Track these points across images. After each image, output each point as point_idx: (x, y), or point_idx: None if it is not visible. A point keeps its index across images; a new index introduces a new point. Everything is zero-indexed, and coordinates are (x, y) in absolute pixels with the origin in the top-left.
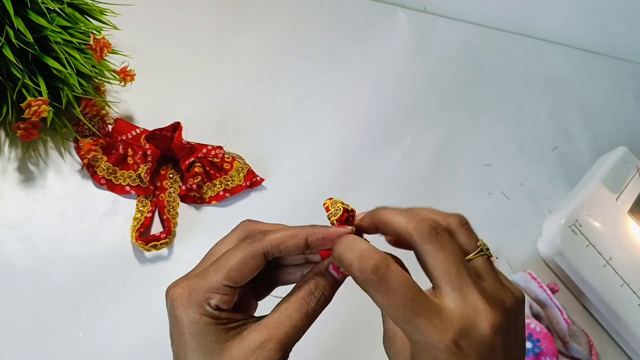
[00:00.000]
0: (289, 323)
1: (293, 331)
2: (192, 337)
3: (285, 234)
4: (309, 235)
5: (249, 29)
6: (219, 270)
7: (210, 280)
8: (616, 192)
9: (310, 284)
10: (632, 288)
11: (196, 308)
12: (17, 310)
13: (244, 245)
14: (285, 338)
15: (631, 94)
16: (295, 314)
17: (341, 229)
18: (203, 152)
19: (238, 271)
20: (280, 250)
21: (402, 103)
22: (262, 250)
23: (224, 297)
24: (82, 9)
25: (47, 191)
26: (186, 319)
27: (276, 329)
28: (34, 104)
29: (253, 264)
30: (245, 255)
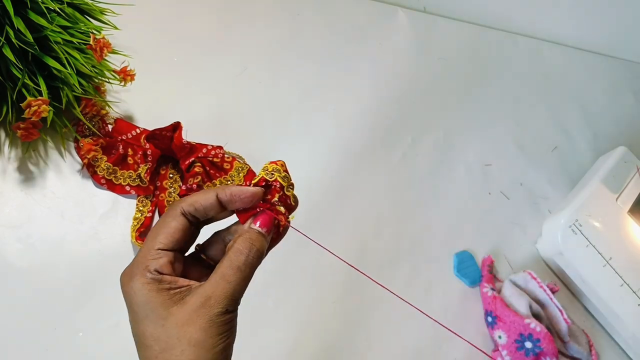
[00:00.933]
0: (223, 281)
1: (230, 286)
2: (139, 307)
3: (198, 194)
4: (219, 192)
5: (249, 29)
6: (149, 240)
7: (144, 250)
8: (616, 192)
9: (238, 241)
10: (632, 288)
11: (138, 278)
12: (17, 310)
13: (165, 212)
14: (223, 294)
15: (631, 94)
16: (228, 271)
17: (250, 188)
18: (203, 152)
19: (164, 234)
20: (196, 208)
21: (402, 103)
22: (179, 211)
23: (160, 261)
24: (82, 9)
25: (47, 191)
26: (131, 291)
27: (213, 287)
28: (34, 104)
29: (175, 224)
30: (166, 219)
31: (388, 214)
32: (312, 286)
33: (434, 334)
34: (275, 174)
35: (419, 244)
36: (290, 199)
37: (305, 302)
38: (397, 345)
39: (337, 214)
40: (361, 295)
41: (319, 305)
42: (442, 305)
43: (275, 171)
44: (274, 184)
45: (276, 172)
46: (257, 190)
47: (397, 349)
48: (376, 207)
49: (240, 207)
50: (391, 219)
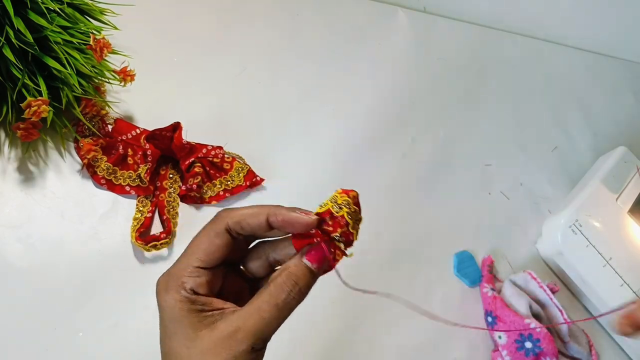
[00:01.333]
0: (257, 315)
1: (262, 323)
2: (169, 322)
3: (247, 211)
4: (270, 215)
5: (248, 29)
6: (188, 254)
7: (182, 264)
8: (616, 192)
9: (282, 276)
10: (632, 288)
11: (173, 293)
12: (17, 310)
13: (208, 226)
14: (253, 329)
15: (631, 94)
16: (264, 305)
17: (305, 216)
18: (203, 152)
19: (205, 251)
20: (242, 226)
21: (402, 103)
22: (224, 227)
23: (197, 280)
24: (82, 9)
25: (47, 191)
26: (165, 305)
27: (245, 320)
28: (34, 104)
29: (218, 242)
30: (209, 234)
31: (388, 214)
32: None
33: (433, 334)
34: (344, 208)
35: (419, 244)
36: (353, 235)
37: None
38: (397, 345)
39: None
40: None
41: (319, 305)
42: (442, 305)
43: (344, 205)
44: (339, 218)
45: (345, 207)
46: (312, 221)
47: (397, 349)
48: (376, 207)
49: (291, 232)
50: (391, 219)
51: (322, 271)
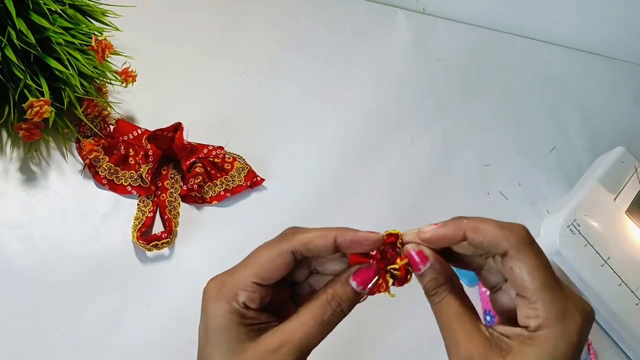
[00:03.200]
0: (302, 330)
1: (306, 338)
2: (215, 331)
3: (314, 234)
4: (338, 236)
5: (249, 30)
6: (247, 267)
7: (239, 276)
8: (614, 192)
9: (328, 293)
10: (630, 287)
11: (224, 303)
12: (19, 310)
13: (273, 243)
14: (299, 344)
15: (629, 95)
16: (310, 321)
17: (372, 234)
18: (204, 153)
19: (265, 268)
20: (309, 249)
21: (402, 103)
22: (290, 248)
23: (251, 295)
24: (84, 10)
25: (49, 191)
26: (213, 312)
27: (290, 335)
28: (36, 105)
29: (281, 261)
30: (273, 252)
31: (388, 214)
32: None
33: (434, 333)
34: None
35: None
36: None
37: None
38: (397, 345)
39: (336, 214)
40: None
41: None
42: None
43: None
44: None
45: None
46: (380, 237)
47: (397, 349)
48: (376, 207)
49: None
50: (391, 219)
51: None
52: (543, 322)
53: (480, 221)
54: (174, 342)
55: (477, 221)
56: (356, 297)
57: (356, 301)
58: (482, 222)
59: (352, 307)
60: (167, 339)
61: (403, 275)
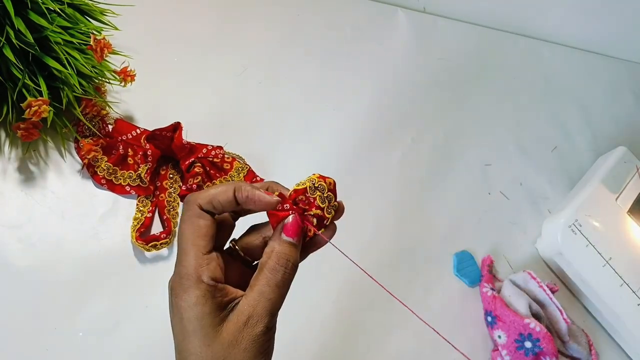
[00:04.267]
0: (263, 298)
1: (269, 303)
2: (190, 322)
3: (215, 190)
4: (236, 189)
5: (249, 29)
6: (186, 248)
7: (189, 259)
8: (616, 192)
9: (272, 258)
10: (632, 288)
11: (193, 291)
12: (18, 310)
13: (184, 215)
14: (263, 311)
15: (631, 94)
16: (266, 288)
17: (267, 196)
18: (203, 152)
19: (199, 236)
20: (214, 205)
21: (402, 103)
22: (197, 208)
23: (210, 267)
24: (83, 10)
25: (48, 191)
26: (185, 304)
27: (253, 306)
28: (35, 104)
29: (204, 222)
30: (191, 219)
31: (388, 214)
32: (312, 287)
33: (433, 335)
34: (317, 192)
35: (419, 243)
36: (327, 220)
37: (305, 303)
38: (396, 346)
39: None
40: (361, 296)
41: (318, 305)
42: (442, 305)
43: (319, 189)
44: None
45: (318, 191)
46: (273, 202)
47: (396, 350)
48: (376, 207)
49: (254, 210)
50: (391, 219)
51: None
52: None
53: None
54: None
55: None
56: (295, 248)
57: (298, 251)
58: None
59: (297, 258)
60: (166, 338)
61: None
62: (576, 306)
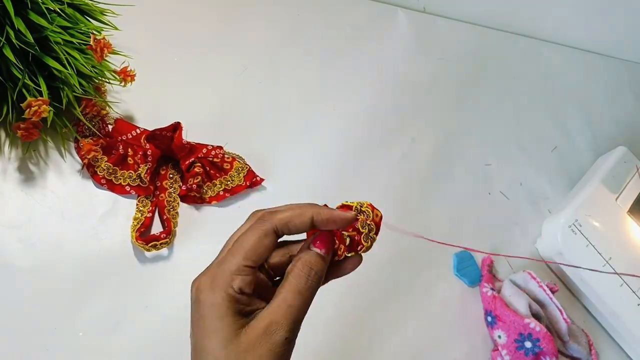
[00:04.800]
0: (284, 305)
1: (290, 311)
2: (212, 321)
3: (292, 213)
4: (315, 215)
5: (249, 29)
6: (237, 254)
7: (230, 264)
8: (616, 192)
9: (297, 265)
10: (632, 288)
11: (219, 291)
12: (18, 310)
13: (255, 226)
14: (284, 319)
15: (631, 94)
16: (289, 295)
17: (346, 213)
18: (203, 152)
19: (255, 250)
20: (289, 228)
21: (402, 103)
22: (272, 228)
23: (245, 279)
24: (83, 10)
25: (48, 191)
26: (209, 302)
27: (275, 313)
28: (35, 104)
29: (267, 242)
30: (259, 234)
31: (388, 214)
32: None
33: (433, 333)
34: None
35: (419, 243)
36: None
37: None
38: (397, 345)
39: None
40: (361, 295)
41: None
42: (442, 304)
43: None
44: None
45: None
46: (352, 217)
47: (397, 349)
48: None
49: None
50: (391, 219)
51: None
52: None
53: None
54: (172, 342)
55: None
56: (322, 260)
57: (325, 265)
58: None
59: (324, 271)
60: (166, 339)
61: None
62: (576, 306)
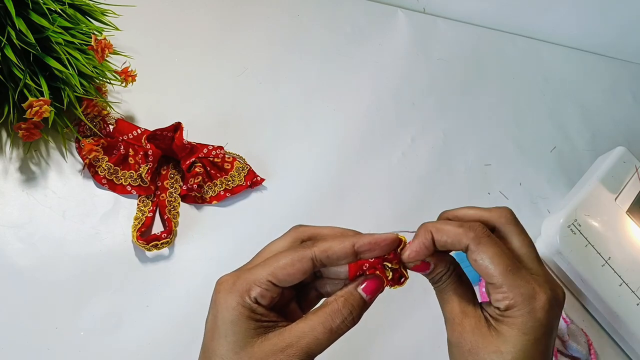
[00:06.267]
0: (312, 335)
1: (314, 343)
2: (224, 323)
3: (333, 242)
4: (356, 242)
5: (249, 30)
6: (266, 266)
7: (256, 273)
8: (615, 192)
9: (339, 301)
10: (631, 287)
11: (235, 296)
12: (18, 310)
13: (295, 248)
14: (306, 348)
15: (630, 95)
16: (320, 327)
17: (389, 234)
18: (204, 152)
19: (284, 270)
20: (329, 256)
21: (402, 103)
22: (310, 256)
23: (264, 292)
24: (84, 10)
25: (49, 191)
26: (224, 304)
27: (298, 337)
28: (36, 104)
29: (300, 266)
30: (294, 257)
31: (388, 214)
32: None
33: (434, 333)
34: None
35: None
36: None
37: None
38: (397, 345)
39: (337, 214)
40: None
41: None
42: None
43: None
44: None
45: None
46: (395, 237)
47: (397, 349)
48: (376, 207)
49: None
50: (391, 219)
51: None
52: (510, 302)
53: (442, 223)
54: (173, 341)
55: (440, 224)
56: (365, 305)
57: (365, 309)
58: (443, 224)
59: (361, 315)
60: (167, 338)
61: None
62: (575, 306)
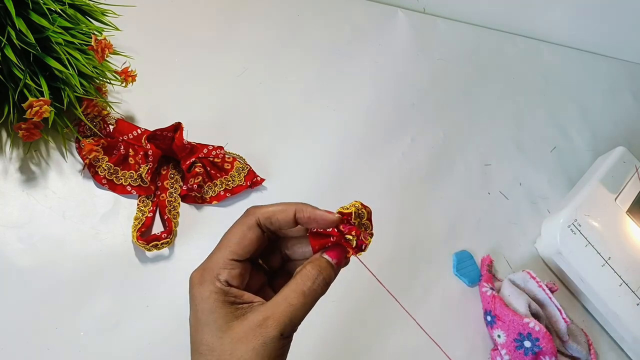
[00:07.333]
0: (285, 303)
1: (290, 309)
2: (203, 313)
3: (276, 208)
4: (298, 211)
5: (249, 30)
6: (222, 248)
7: (217, 258)
8: (615, 192)
9: (307, 266)
10: (631, 287)
11: (207, 285)
12: (19, 310)
13: (240, 220)
14: (282, 316)
15: (630, 95)
16: (292, 294)
17: (328, 214)
18: (204, 153)
19: (239, 244)
20: (272, 222)
21: (402, 103)
22: (255, 221)
23: (231, 272)
24: (84, 10)
25: (49, 191)
26: (200, 296)
27: (273, 308)
28: (36, 105)
29: (251, 235)
30: (243, 228)
31: (388, 214)
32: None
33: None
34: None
35: (418, 243)
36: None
37: None
38: (396, 345)
39: None
40: (360, 294)
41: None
42: (441, 304)
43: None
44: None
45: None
46: (336, 219)
47: (396, 348)
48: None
49: (315, 228)
50: (391, 219)
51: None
52: None
53: None
54: (173, 341)
55: None
56: (332, 268)
57: (334, 274)
58: None
59: (332, 279)
60: (167, 338)
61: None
62: (575, 306)
